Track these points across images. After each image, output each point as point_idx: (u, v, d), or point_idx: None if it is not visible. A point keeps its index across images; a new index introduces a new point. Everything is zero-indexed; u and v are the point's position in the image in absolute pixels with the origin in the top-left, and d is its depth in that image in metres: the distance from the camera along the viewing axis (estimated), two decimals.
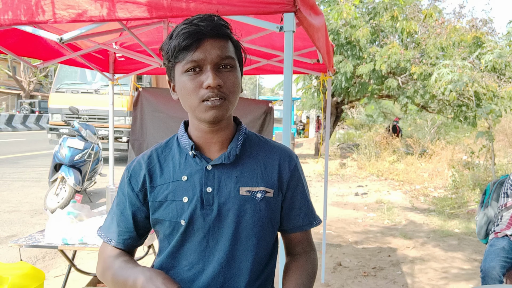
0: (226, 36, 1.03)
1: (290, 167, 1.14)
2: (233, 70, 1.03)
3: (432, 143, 12.96)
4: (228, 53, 1.02)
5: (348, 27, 8.73)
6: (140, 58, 3.66)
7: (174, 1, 1.68)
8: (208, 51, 0.99)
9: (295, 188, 1.15)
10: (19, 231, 4.93)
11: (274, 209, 1.11)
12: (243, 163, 1.10)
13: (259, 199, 1.08)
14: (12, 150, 12.54)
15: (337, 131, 20.94)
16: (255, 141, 1.15)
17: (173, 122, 4.37)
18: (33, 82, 28.70)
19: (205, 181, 1.07)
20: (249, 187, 1.08)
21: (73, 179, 5.64)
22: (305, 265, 1.16)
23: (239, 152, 1.09)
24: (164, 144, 1.17)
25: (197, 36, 0.98)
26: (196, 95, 1.01)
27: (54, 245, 2.44)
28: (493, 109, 7.29)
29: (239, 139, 1.11)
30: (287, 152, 1.16)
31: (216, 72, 1.00)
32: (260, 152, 1.13)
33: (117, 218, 1.14)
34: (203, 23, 0.99)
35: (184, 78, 1.01)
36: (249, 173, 1.09)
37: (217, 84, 0.98)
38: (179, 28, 1.00)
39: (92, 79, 10.10)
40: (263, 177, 1.10)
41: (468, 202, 7.33)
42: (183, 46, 0.98)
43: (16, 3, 1.78)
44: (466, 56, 8.43)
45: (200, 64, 0.99)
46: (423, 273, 4.12)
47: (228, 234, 1.06)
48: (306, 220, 1.18)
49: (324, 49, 2.89)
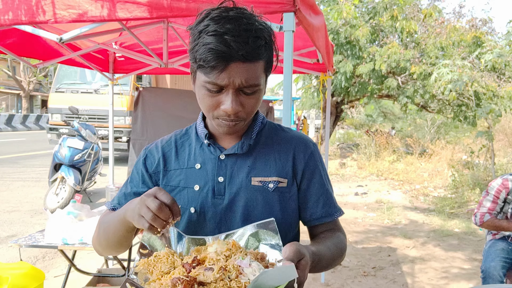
0: (257, 59, 0.95)
1: (305, 155, 1.10)
2: (256, 92, 0.98)
3: (432, 142, 12.96)
4: (254, 81, 0.95)
5: (348, 26, 8.73)
6: (140, 58, 3.66)
7: (174, 1, 1.68)
8: (233, 77, 0.92)
9: (311, 177, 1.10)
10: (19, 231, 4.93)
11: (288, 200, 1.07)
12: (257, 153, 1.08)
13: (272, 190, 1.05)
14: (12, 150, 12.54)
15: (337, 131, 20.95)
16: (272, 130, 1.14)
17: (174, 121, 4.37)
18: (32, 82, 28.68)
19: (217, 171, 1.06)
20: (261, 177, 1.05)
21: (73, 179, 5.64)
22: (331, 236, 1.10)
23: (253, 142, 1.08)
24: (184, 130, 1.17)
25: (224, 59, 0.90)
26: (212, 112, 0.99)
27: (54, 245, 2.44)
28: (493, 108, 7.29)
29: (254, 129, 1.09)
30: (303, 140, 1.12)
31: (236, 96, 0.95)
32: (275, 141, 1.11)
33: (126, 192, 1.14)
34: (235, 44, 0.89)
35: (203, 91, 0.97)
36: (262, 163, 1.07)
37: (235, 112, 0.96)
38: (209, 39, 0.90)
39: (92, 79, 10.09)
40: (276, 166, 1.07)
41: (468, 201, 7.33)
42: (209, 64, 0.92)
43: (17, 4, 1.78)
44: (466, 55, 8.42)
45: (222, 86, 0.95)
46: (423, 273, 4.12)
47: (239, 225, 1.04)
48: (325, 211, 1.11)
49: (324, 49, 2.89)
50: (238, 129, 1.02)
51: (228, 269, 0.86)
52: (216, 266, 0.87)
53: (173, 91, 6.09)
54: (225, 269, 0.86)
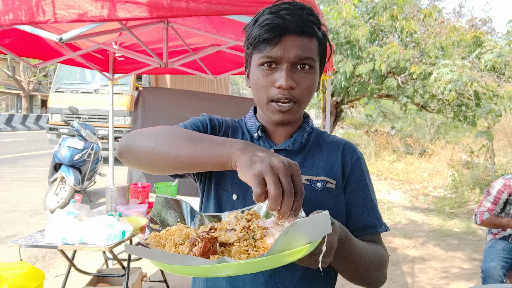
0: (311, 34, 0.95)
1: (352, 159, 1.06)
2: (310, 72, 0.97)
3: (432, 142, 12.97)
4: (308, 54, 0.94)
5: (348, 26, 8.73)
6: (140, 58, 3.66)
7: (174, 1, 1.68)
8: (287, 49, 0.92)
9: (356, 184, 1.05)
10: (19, 231, 4.93)
11: (337, 202, 1.02)
12: (307, 152, 1.06)
13: (319, 189, 1.01)
14: (12, 150, 12.53)
15: (336, 131, 20.94)
16: (321, 134, 1.12)
17: (174, 121, 4.36)
18: (32, 82, 28.67)
19: None
20: (308, 175, 1.02)
21: (72, 179, 5.64)
22: (372, 244, 1.02)
23: (304, 141, 1.06)
24: (232, 120, 1.14)
25: (279, 31, 0.91)
26: (267, 93, 0.96)
27: (54, 245, 2.44)
28: (493, 108, 7.30)
29: (306, 129, 1.08)
30: (351, 146, 1.10)
31: (291, 72, 0.94)
32: (324, 144, 1.09)
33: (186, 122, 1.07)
34: (290, 17, 0.91)
35: (258, 72, 0.96)
36: (310, 162, 1.04)
37: (289, 86, 0.93)
38: (264, 17, 0.93)
39: (91, 78, 10.09)
40: (325, 166, 1.04)
41: (468, 201, 7.33)
42: (263, 38, 0.92)
43: (17, 4, 1.78)
44: (465, 55, 8.43)
45: (276, 60, 0.94)
46: (423, 273, 4.12)
47: None
48: (369, 222, 1.04)
49: None
50: (292, 117, 0.98)
51: (252, 229, 0.78)
52: (238, 226, 0.78)
53: (173, 91, 6.08)
54: (249, 228, 0.77)
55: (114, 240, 2.44)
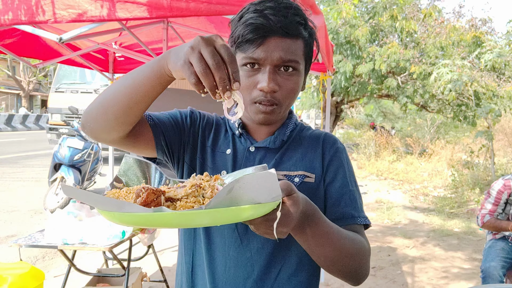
0: (296, 35, 0.93)
1: (331, 151, 1.04)
2: (294, 74, 0.95)
3: (432, 142, 12.96)
4: (292, 56, 0.93)
5: (348, 26, 8.73)
6: (140, 57, 3.66)
7: (174, 1, 1.68)
8: (271, 51, 0.90)
9: (334, 174, 1.02)
10: (19, 231, 4.93)
11: (316, 197, 0.98)
12: (286, 148, 1.05)
13: (297, 184, 0.99)
14: (12, 150, 12.53)
15: (336, 131, 20.95)
16: (304, 130, 1.10)
17: None
18: (32, 82, 28.69)
19: (245, 162, 1.02)
20: (286, 171, 1.00)
21: (72, 179, 5.65)
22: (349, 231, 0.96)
23: (286, 138, 1.05)
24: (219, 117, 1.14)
25: (263, 32, 0.89)
26: (249, 94, 0.95)
27: (54, 245, 2.44)
28: (493, 108, 7.30)
29: (289, 126, 1.06)
30: (331, 137, 1.08)
31: (274, 74, 0.93)
32: (305, 139, 1.07)
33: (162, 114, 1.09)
34: (274, 17, 0.89)
35: (241, 72, 0.94)
36: (288, 157, 1.03)
37: (271, 90, 0.92)
38: (249, 16, 0.91)
39: (91, 78, 10.09)
40: (304, 161, 1.02)
41: (468, 201, 7.33)
42: (246, 38, 0.90)
43: (17, 4, 1.78)
44: (465, 55, 8.43)
45: (259, 62, 0.92)
46: (423, 273, 4.12)
47: None
48: (346, 212, 0.98)
49: (324, 49, 2.89)
50: (274, 118, 0.99)
51: (203, 187, 0.75)
52: (189, 184, 0.76)
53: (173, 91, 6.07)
54: (199, 186, 0.75)
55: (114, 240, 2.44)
